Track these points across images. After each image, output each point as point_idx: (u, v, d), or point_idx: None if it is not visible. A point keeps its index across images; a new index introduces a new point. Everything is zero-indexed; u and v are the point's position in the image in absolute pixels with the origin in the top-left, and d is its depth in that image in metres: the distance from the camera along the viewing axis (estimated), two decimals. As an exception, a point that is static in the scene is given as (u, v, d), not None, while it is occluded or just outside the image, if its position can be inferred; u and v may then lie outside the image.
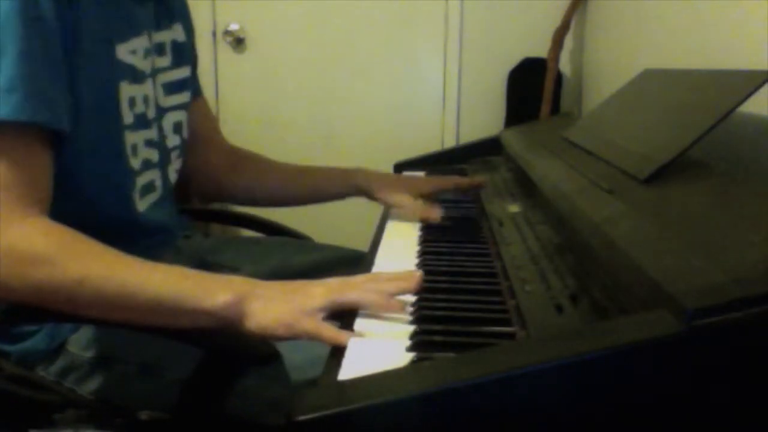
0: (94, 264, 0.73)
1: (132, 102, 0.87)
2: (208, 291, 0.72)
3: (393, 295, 0.71)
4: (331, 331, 0.67)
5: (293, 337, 0.70)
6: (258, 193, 1.20)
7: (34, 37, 0.72)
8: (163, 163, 0.98)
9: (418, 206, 1.07)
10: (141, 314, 0.73)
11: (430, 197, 1.15)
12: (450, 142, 2.46)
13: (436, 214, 1.04)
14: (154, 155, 0.94)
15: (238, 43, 2.50)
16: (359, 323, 0.68)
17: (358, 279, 0.74)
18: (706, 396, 0.45)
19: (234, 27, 2.49)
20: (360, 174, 1.15)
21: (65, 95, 0.76)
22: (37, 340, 0.85)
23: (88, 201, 0.85)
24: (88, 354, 0.85)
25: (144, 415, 0.82)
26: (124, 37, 0.85)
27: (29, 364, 0.86)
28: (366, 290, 0.71)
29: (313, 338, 0.68)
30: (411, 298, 0.71)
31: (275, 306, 0.71)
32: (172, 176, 1.02)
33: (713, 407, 0.46)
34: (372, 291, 0.71)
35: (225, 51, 2.52)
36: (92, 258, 0.74)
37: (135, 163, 0.90)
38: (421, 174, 1.47)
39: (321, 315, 0.70)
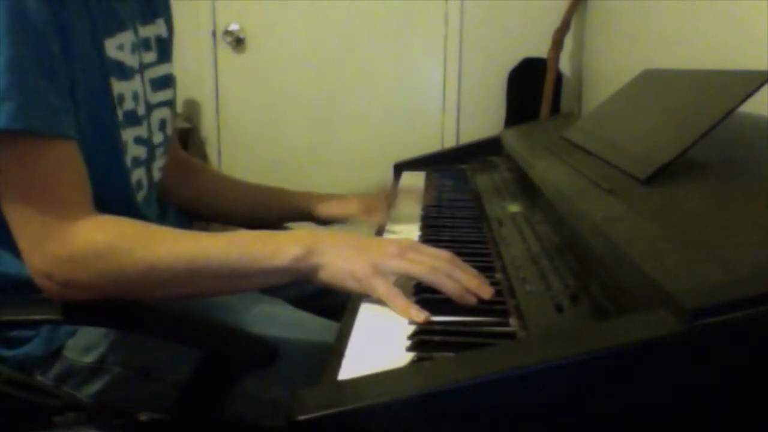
0: (160, 246, 0.74)
1: (121, 99, 0.86)
2: (277, 248, 0.74)
3: (468, 290, 0.70)
4: (402, 301, 0.68)
5: (363, 292, 0.71)
6: (199, 206, 1.17)
7: (25, 42, 0.70)
8: (148, 161, 0.96)
9: (368, 211, 1.03)
10: (215, 284, 0.75)
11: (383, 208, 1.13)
12: (450, 142, 2.46)
13: (382, 219, 1.00)
14: (142, 152, 0.92)
15: (238, 43, 2.50)
16: (359, 322, 0.68)
17: (434, 254, 0.74)
18: (706, 396, 0.45)
19: (234, 27, 2.49)
20: (304, 195, 1.12)
21: (65, 99, 0.75)
22: (34, 345, 0.84)
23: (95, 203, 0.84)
24: (86, 359, 0.84)
25: (144, 417, 0.82)
26: (111, 33, 0.84)
27: (27, 369, 0.85)
28: (443, 273, 0.71)
29: (382, 299, 0.69)
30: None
31: (347, 258, 0.72)
32: (156, 174, 1.00)
33: (713, 407, 0.46)
34: (446, 275, 0.70)
35: (225, 51, 2.52)
36: (157, 240, 0.75)
37: (127, 161, 0.89)
38: (421, 174, 1.47)
39: (393, 278, 0.71)
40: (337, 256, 0.73)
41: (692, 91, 0.92)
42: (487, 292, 0.70)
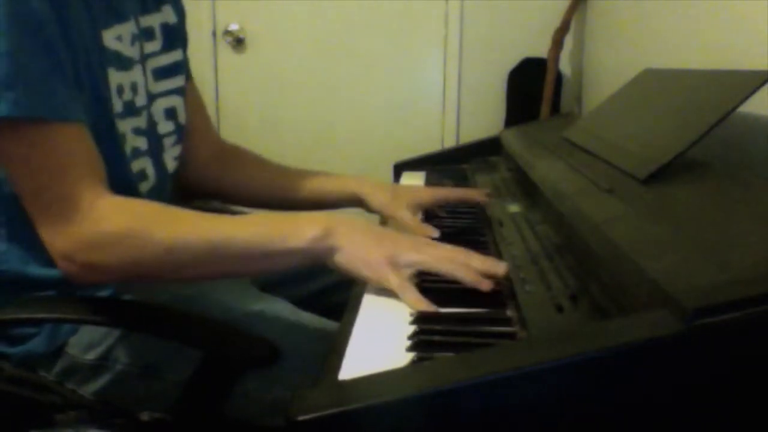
0: (177, 228, 0.75)
1: (120, 89, 0.86)
2: (295, 230, 0.74)
3: (481, 273, 0.71)
4: (415, 294, 0.69)
5: (376, 281, 0.72)
6: (244, 193, 1.13)
7: (26, 30, 0.71)
8: (155, 151, 0.95)
9: (416, 224, 0.97)
10: (233, 266, 0.76)
11: (431, 208, 1.08)
12: (450, 142, 2.46)
13: (433, 232, 0.93)
14: (142, 143, 0.92)
15: (238, 43, 2.50)
16: (359, 322, 0.68)
17: (449, 248, 0.75)
18: (706, 396, 0.45)
19: (234, 27, 2.49)
20: (356, 182, 1.08)
21: (69, 83, 0.75)
22: (36, 342, 0.85)
23: None
24: (89, 356, 0.85)
25: (145, 416, 0.82)
26: (108, 24, 0.84)
27: (30, 366, 0.85)
28: (456, 263, 0.72)
29: (394, 292, 0.70)
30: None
31: (364, 246, 0.73)
32: (169, 164, 0.98)
33: (713, 407, 0.46)
34: (462, 265, 0.72)
35: (225, 51, 2.52)
36: (175, 222, 0.76)
37: (126, 151, 0.89)
38: (421, 174, 1.47)
39: (408, 271, 0.72)
40: (355, 243, 0.73)
41: (692, 91, 0.92)
42: (501, 268, 0.72)
